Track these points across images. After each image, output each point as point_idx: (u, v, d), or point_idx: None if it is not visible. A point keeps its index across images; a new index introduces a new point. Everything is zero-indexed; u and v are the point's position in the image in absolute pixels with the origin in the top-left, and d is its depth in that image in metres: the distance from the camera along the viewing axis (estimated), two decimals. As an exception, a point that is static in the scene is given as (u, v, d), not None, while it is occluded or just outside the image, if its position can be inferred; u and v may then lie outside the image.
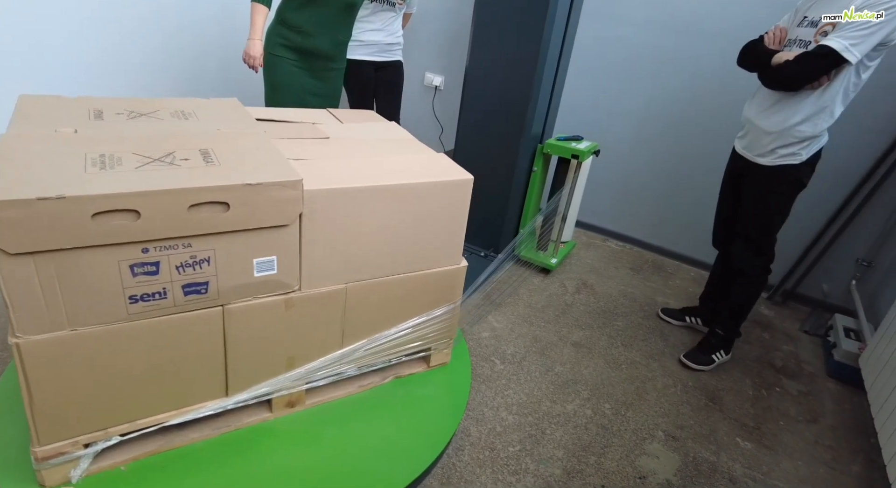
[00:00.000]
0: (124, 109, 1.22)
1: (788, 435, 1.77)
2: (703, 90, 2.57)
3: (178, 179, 0.88)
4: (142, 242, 0.88)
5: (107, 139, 1.03)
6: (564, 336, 2.13)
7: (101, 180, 0.85)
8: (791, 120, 1.63)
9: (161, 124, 1.17)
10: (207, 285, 0.97)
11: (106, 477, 1.03)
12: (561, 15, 2.14)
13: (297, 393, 1.21)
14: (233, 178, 0.90)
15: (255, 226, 0.95)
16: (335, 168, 1.11)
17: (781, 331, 2.39)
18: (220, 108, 1.35)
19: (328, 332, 1.19)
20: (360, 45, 2.60)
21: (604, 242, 3.03)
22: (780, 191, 1.75)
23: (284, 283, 1.06)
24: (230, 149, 1.06)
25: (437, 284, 1.30)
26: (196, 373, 1.05)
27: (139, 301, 0.93)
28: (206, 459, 1.07)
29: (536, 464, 1.52)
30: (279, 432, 1.17)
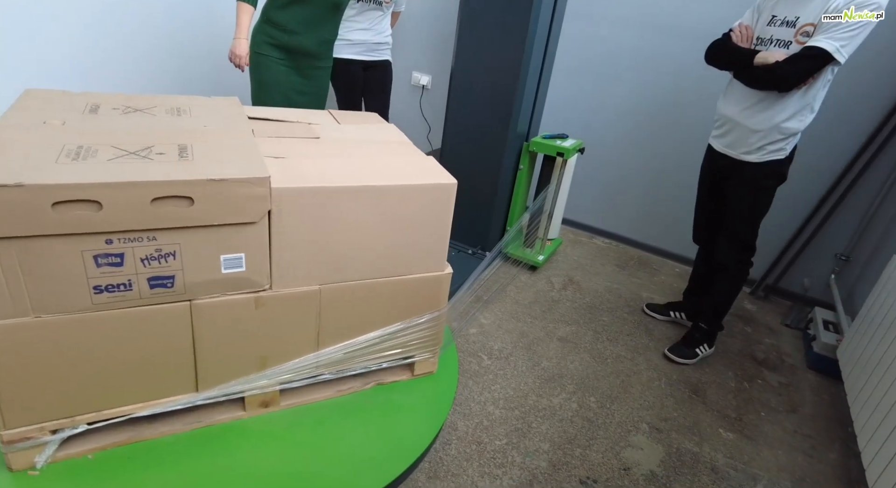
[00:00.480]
0: (122, 105, 1.25)
1: (769, 426, 1.81)
2: (685, 88, 2.62)
3: (144, 172, 0.89)
4: (105, 233, 0.90)
5: (92, 132, 1.05)
6: (551, 331, 2.16)
7: (67, 170, 0.86)
8: (778, 117, 1.66)
9: (152, 120, 1.18)
10: (173, 279, 0.99)
11: (72, 465, 1.05)
12: (545, 15, 2.16)
13: (272, 393, 1.21)
14: (198, 173, 0.91)
15: (220, 223, 0.95)
16: (313, 167, 1.11)
17: (764, 325, 2.43)
18: (217, 106, 1.35)
19: (302, 334, 1.18)
20: (348, 44, 2.61)
21: (590, 239, 3.07)
22: (766, 187, 1.79)
23: (254, 281, 1.06)
24: (209, 146, 1.06)
25: (420, 290, 1.27)
26: (164, 367, 1.07)
27: (104, 291, 0.95)
28: (175, 454, 1.08)
29: (522, 457, 1.54)
30: (251, 431, 1.17)
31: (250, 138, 1.16)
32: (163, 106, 1.28)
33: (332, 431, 1.20)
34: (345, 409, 1.26)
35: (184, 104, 1.32)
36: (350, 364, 1.28)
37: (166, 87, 2.91)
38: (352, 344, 1.25)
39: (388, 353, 1.32)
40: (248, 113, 1.40)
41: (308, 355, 1.21)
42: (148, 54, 2.83)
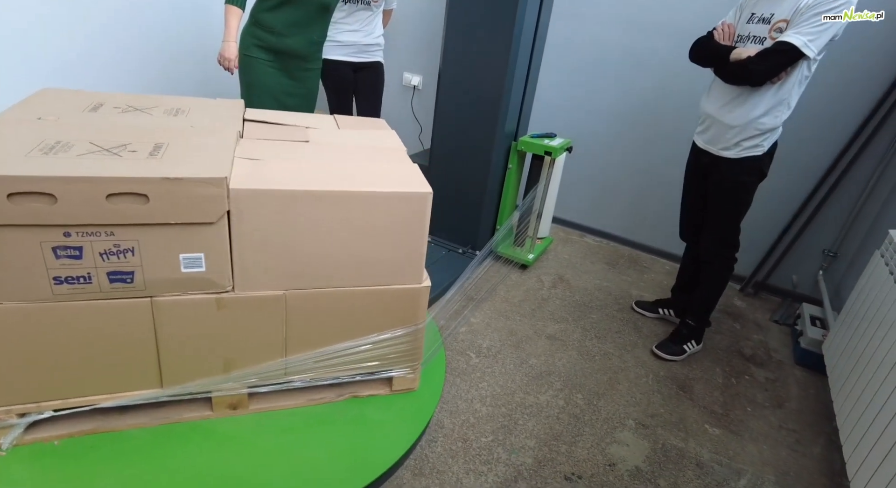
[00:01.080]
0: (124, 104, 1.28)
1: (755, 421, 1.83)
2: (672, 87, 2.63)
3: (102, 168, 0.91)
4: (63, 226, 0.92)
5: (78, 128, 1.07)
6: (540, 329, 2.17)
7: (31, 163, 0.89)
8: (752, 113, 1.68)
9: (145, 119, 1.20)
10: (133, 275, 1.00)
11: (37, 449, 1.08)
12: (531, 14, 2.18)
13: (239, 396, 1.21)
14: (155, 172, 0.92)
15: (178, 221, 0.96)
16: (285, 170, 1.09)
17: (752, 322, 2.45)
18: (217, 107, 1.37)
19: (268, 339, 1.17)
20: (338, 45, 2.62)
21: (581, 238, 3.08)
22: (744, 182, 1.81)
23: (215, 282, 1.06)
24: (185, 145, 1.07)
25: (395, 303, 1.22)
26: (128, 361, 1.09)
27: (64, 282, 0.98)
28: (139, 447, 1.10)
29: (508, 454, 1.55)
30: (216, 433, 1.17)
31: (231, 140, 1.17)
32: (164, 106, 1.30)
33: (296, 441, 1.18)
34: (314, 420, 1.23)
35: (185, 105, 1.34)
36: (321, 373, 1.25)
37: (156, 90, 2.93)
38: (322, 353, 1.21)
39: (362, 366, 1.27)
40: (250, 115, 1.41)
41: (275, 361, 1.19)
42: (138, 57, 2.84)
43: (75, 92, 1.33)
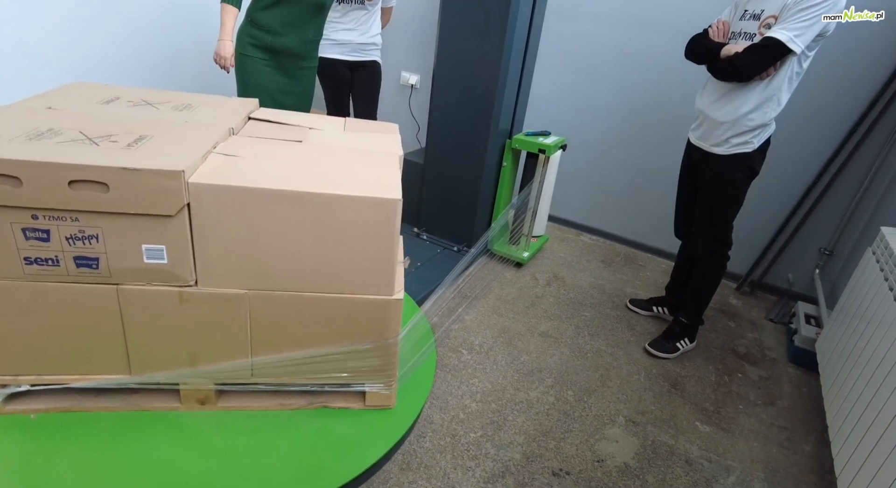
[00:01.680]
0: (139, 99, 1.35)
1: (746, 418, 1.83)
2: (667, 84, 2.63)
3: (68, 156, 0.95)
4: (30, 209, 0.97)
5: (78, 118, 1.14)
6: (532, 326, 2.18)
7: (4, 147, 0.95)
8: (741, 109, 1.68)
9: (150, 113, 1.25)
10: (98, 261, 1.05)
11: (13, 420, 1.15)
12: (524, 12, 2.18)
13: (206, 391, 1.23)
14: (117, 161, 0.95)
15: (138, 212, 1.00)
16: (257, 167, 1.09)
17: (747, 320, 2.44)
18: (226, 105, 1.41)
19: (232, 338, 1.18)
20: (334, 44, 2.63)
21: (577, 236, 3.08)
22: (734, 179, 1.80)
23: (177, 275, 1.09)
24: (167, 139, 1.11)
25: (363, 313, 1.17)
26: (97, 345, 1.14)
27: (34, 263, 1.03)
28: (107, 429, 1.15)
29: (496, 449, 1.56)
30: (181, 425, 1.21)
31: (218, 135, 1.19)
32: (175, 102, 1.37)
33: (254, 444, 1.19)
34: (280, 425, 1.23)
35: (196, 102, 1.41)
36: (288, 379, 1.24)
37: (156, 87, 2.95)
38: (288, 358, 1.20)
39: (330, 376, 1.25)
40: (257, 114, 1.41)
41: (241, 361, 1.20)
42: (136, 56, 2.87)
43: (101, 86, 1.41)
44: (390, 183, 1.12)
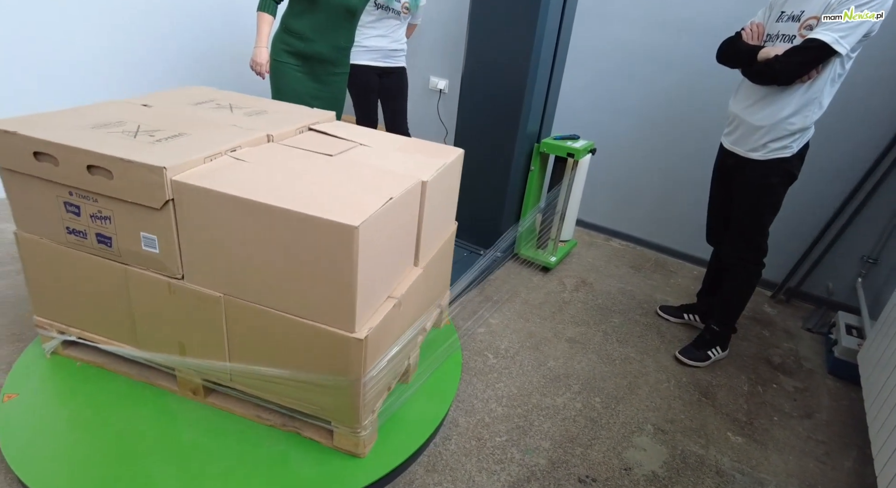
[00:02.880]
0: (228, 103, 1.55)
1: (780, 430, 1.77)
2: (699, 87, 2.58)
3: (91, 143, 1.08)
4: (66, 186, 1.12)
5: (152, 115, 1.33)
6: (559, 332, 2.16)
7: (57, 132, 1.10)
8: (781, 113, 1.64)
9: (219, 115, 1.41)
10: (111, 241, 1.18)
11: (64, 362, 1.44)
12: (553, 15, 2.18)
13: (196, 384, 1.32)
14: (122, 153, 1.05)
15: (134, 201, 1.09)
16: (253, 174, 1.09)
17: (783, 329, 2.37)
18: (295, 115, 1.52)
19: (212, 337, 1.21)
20: (365, 50, 2.68)
21: (606, 241, 3.04)
22: (772, 185, 1.75)
23: (166, 266, 1.16)
24: (196, 138, 1.20)
25: (322, 345, 1.11)
26: (112, 315, 1.29)
27: (71, 233, 1.21)
28: (124, 388, 1.38)
29: (522, 454, 1.55)
30: (170, 407, 1.35)
31: (244, 139, 1.27)
32: (254, 108, 1.52)
33: (210, 447, 1.24)
34: (246, 436, 1.27)
35: (273, 109, 1.55)
36: (261, 393, 1.24)
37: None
38: (258, 371, 1.18)
39: (296, 401, 1.21)
40: (318, 126, 1.47)
41: (221, 362, 1.23)
42: (175, 62, 2.97)
43: (210, 90, 1.64)
44: (368, 208, 1.01)
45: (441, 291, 1.76)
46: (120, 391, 1.36)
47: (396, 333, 1.29)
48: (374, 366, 1.17)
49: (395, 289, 1.27)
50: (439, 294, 1.75)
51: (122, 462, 1.18)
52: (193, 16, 2.97)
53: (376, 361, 1.18)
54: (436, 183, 1.31)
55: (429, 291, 1.54)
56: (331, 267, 1.01)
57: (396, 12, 2.66)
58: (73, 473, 1.16)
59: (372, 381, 1.17)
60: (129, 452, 1.21)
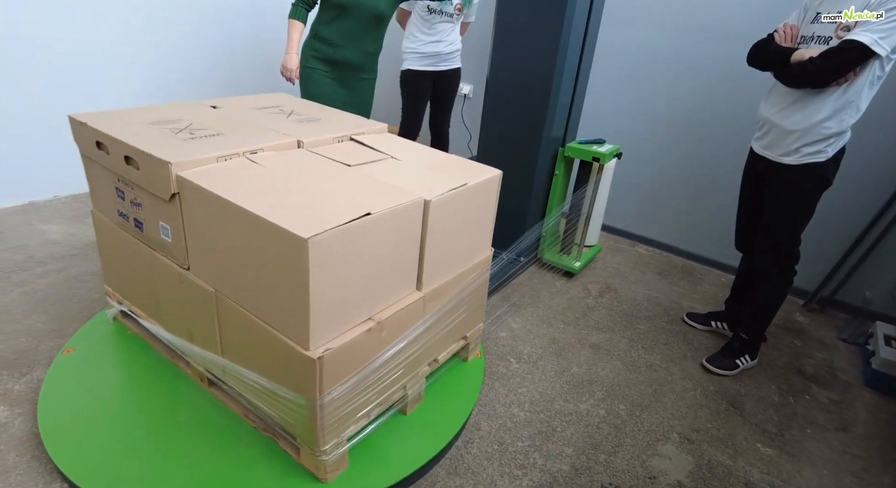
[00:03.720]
0: (290, 110, 1.65)
1: (814, 443, 1.71)
2: (727, 91, 2.53)
3: (134, 138, 1.18)
4: (115, 173, 1.25)
5: (213, 115, 1.47)
6: (583, 338, 2.14)
7: (114, 126, 1.25)
8: (815, 117, 1.60)
9: (272, 119, 1.51)
10: (143, 226, 1.27)
11: (120, 328, 1.66)
12: (579, 20, 2.17)
13: (201, 371, 1.39)
14: (144, 146, 1.15)
15: (153, 191, 1.17)
16: (252, 176, 1.12)
17: (816, 339, 2.29)
18: (344, 124, 1.57)
19: (208, 330, 1.26)
20: (420, 56, 2.73)
21: (632, 247, 3.00)
22: (805, 190, 1.71)
23: (176, 255, 1.24)
24: (230, 138, 1.30)
25: (282, 358, 1.07)
26: (146, 293, 1.41)
27: (120, 216, 1.33)
28: (153, 362, 1.53)
29: (544, 460, 1.54)
30: (180, 390, 1.45)
31: (270, 142, 1.31)
32: (309, 115, 1.60)
33: (192, 439, 1.29)
34: (229, 437, 1.30)
35: (327, 118, 1.60)
36: (244, 392, 1.26)
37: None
38: (239, 371, 1.20)
39: (265, 406, 1.20)
40: (360, 137, 1.49)
41: (216, 356, 1.28)
42: (209, 69, 3.06)
43: (285, 97, 1.79)
44: (335, 220, 0.96)
45: (468, 323, 1.62)
46: (150, 364, 1.52)
47: (373, 357, 1.19)
48: (336, 389, 1.08)
49: (381, 312, 1.18)
50: (465, 326, 1.61)
51: (118, 421, 1.35)
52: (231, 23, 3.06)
53: (339, 384, 1.09)
54: (446, 203, 1.22)
55: (443, 320, 1.41)
56: (288, 277, 0.98)
57: (450, 15, 2.68)
58: (81, 410, 1.39)
59: (333, 405, 1.08)
60: (128, 416, 1.36)
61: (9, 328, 1.77)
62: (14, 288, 1.98)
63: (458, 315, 1.49)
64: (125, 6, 2.64)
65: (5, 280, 2.02)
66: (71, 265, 2.16)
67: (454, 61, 2.82)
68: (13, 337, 1.73)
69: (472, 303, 1.56)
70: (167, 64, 2.88)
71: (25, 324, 1.80)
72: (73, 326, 1.78)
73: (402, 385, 1.37)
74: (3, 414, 1.44)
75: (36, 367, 1.61)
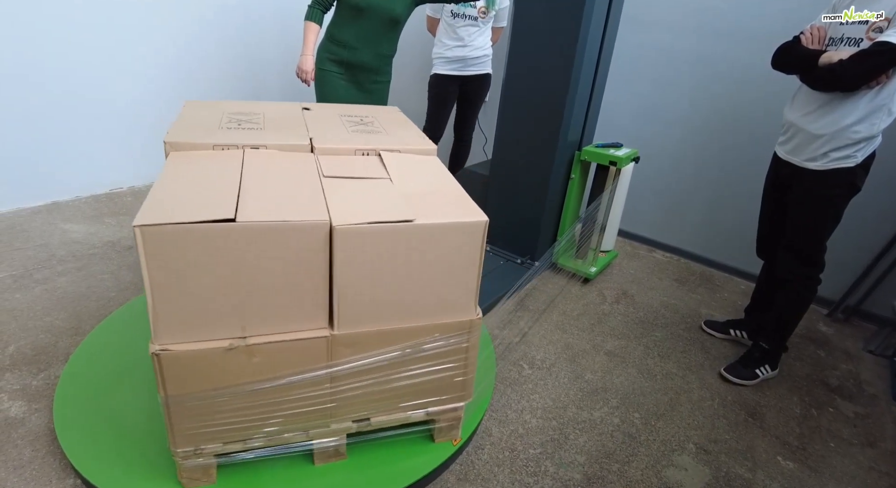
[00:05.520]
0: (354, 114, 1.69)
1: (838, 458, 1.65)
2: (748, 95, 2.48)
3: (199, 122, 1.38)
4: None
5: (294, 118, 1.54)
6: (598, 344, 2.10)
7: (206, 117, 1.45)
8: (844, 121, 1.55)
9: (327, 126, 1.53)
10: None
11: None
12: (597, 22, 2.15)
13: None
14: (180, 127, 1.33)
15: None
16: (207, 165, 1.18)
17: (840, 350, 2.22)
18: (394, 137, 1.50)
19: None
20: (445, 61, 2.74)
21: (649, 252, 2.95)
22: (832, 196, 1.66)
23: None
24: (259, 134, 1.39)
25: None
26: None
27: None
28: None
29: (556, 468, 1.51)
30: None
31: (282, 141, 1.38)
32: (377, 124, 1.59)
33: None
34: None
35: (390, 130, 1.55)
36: None
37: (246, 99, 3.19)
38: None
39: None
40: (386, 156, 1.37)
41: None
42: (224, 71, 3.10)
43: (391, 110, 1.81)
44: (192, 216, 0.95)
45: (435, 397, 1.32)
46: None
47: (240, 381, 1.10)
48: (187, 395, 1.06)
49: (258, 336, 1.08)
50: (429, 399, 1.32)
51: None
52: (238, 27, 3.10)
53: (191, 392, 1.06)
54: (365, 235, 1.05)
55: (374, 376, 1.21)
56: None
57: (473, 18, 2.67)
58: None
59: (180, 409, 1.07)
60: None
61: (30, 324, 1.81)
62: (36, 285, 2.03)
63: (409, 379, 1.26)
64: (141, 5, 2.68)
65: (28, 277, 2.07)
66: (90, 264, 2.19)
67: (482, 67, 2.80)
68: (33, 333, 1.77)
69: (443, 375, 1.30)
70: (178, 63, 2.92)
71: (45, 320, 1.83)
72: (91, 324, 1.81)
73: (300, 426, 1.21)
74: (21, 409, 1.47)
75: (53, 364, 1.64)
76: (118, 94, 2.73)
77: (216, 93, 3.08)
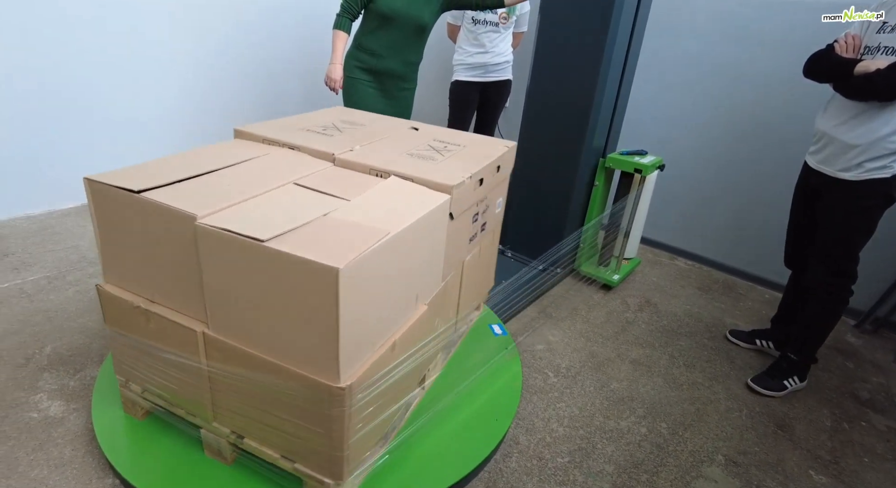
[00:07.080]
0: (431, 136, 1.69)
1: (872, 474, 1.63)
2: (775, 102, 2.46)
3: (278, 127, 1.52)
4: None
5: (369, 131, 1.66)
6: (623, 353, 2.09)
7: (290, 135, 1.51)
8: (881, 131, 1.53)
9: (394, 143, 1.56)
10: None
11: None
12: (624, 30, 2.15)
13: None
14: (261, 125, 1.51)
15: None
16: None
17: (870, 362, 2.19)
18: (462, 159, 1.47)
19: None
20: (466, 67, 2.76)
21: (671, 260, 2.93)
22: (866, 207, 1.64)
23: None
24: (327, 141, 1.53)
25: None
26: None
27: None
28: None
29: (585, 477, 1.51)
30: None
31: (324, 147, 1.45)
32: (451, 145, 1.61)
33: None
34: None
35: (460, 155, 1.51)
36: None
37: (269, 105, 3.23)
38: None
39: None
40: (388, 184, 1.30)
41: None
42: (252, 79, 3.15)
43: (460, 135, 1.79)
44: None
45: (305, 455, 1.14)
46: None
47: (144, 338, 1.21)
48: (116, 326, 1.28)
49: (155, 305, 1.18)
50: (298, 451, 1.14)
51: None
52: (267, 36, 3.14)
53: (122, 329, 1.28)
54: (224, 241, 0.98)
55: (249, 401, 1.13)
56: None
57: (494, 24, 2.68)
58: None
59: (115, 340, 1.30)
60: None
61: (65, 325, 1.85)
62: (69, 286, 2.07)
63: (273, 421, 1.13)
64: (169, 13, 2.74)
65: (61, 279, 2.11)
66: (121, 266, 2.23)
67: (503, 73, 2.81)
68: (68, 334, 1.81)
69: (308, 436, 1.10)
70: (207, 72, 2.97)
71: (79, 322, 1.87)
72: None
73: (187, 408, 1.26)
74: (60, 408, 1.50)
75: (88, 364, 1.68)
76: (150, 100, 2.79)
77: (237, 99, 3.12)
